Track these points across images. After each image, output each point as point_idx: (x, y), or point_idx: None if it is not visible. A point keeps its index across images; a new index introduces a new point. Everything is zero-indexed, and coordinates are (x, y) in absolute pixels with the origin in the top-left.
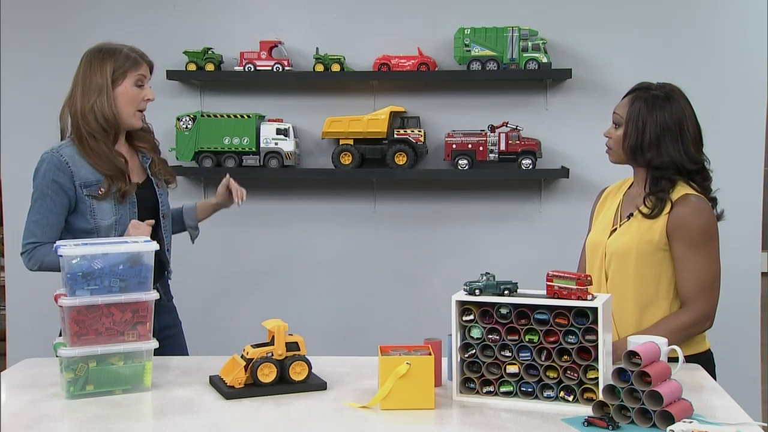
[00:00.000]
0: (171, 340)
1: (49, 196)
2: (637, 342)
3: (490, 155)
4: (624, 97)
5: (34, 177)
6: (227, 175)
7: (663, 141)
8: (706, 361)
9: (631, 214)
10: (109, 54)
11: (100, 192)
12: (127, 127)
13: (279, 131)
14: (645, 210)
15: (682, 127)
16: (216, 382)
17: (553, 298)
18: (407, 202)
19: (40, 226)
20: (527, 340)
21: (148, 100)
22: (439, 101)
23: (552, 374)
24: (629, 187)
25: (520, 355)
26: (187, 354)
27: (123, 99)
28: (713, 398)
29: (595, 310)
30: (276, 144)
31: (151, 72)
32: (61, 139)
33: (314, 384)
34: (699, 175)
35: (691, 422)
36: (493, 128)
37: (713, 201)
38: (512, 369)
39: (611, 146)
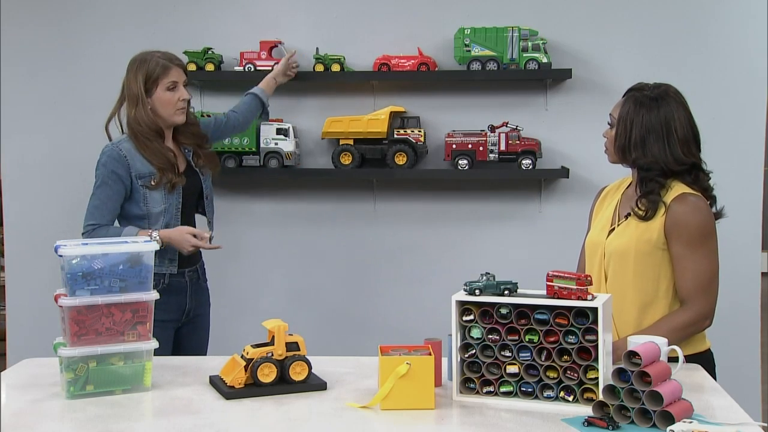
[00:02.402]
0: (200, 318)
1: (108, 184)
2: (637, 342)
3: (490, 155)
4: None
5: (96, 167)
6: (292, 54)
7: (648, 141)
8: (706, 360)
9: (629, 214)
10: (142, 63)
11: (152, 183)
12: (170, 125)
13: (279, 131)
14: (639, 212)
15: (669, 127)
16: (216, 382)
17: (553, 298)
18: (407, 202)
19: (99, 210)
20: (527, 340)
21: (184, 100)
22: (439, 101)
23: (552, 374)
24: (627, 187)
25: (520, 355)
26: (208, 334)
27: (159, 104)
28: (713, 398)
29: (595, 310)
30: (276, 144)
31: (185, 73)
32: (122, 134)
33: (314, 384)
34: (690, 176)
35: (691, 422)
36: (493, 128)
37: (713, 199)
38: (512, 369)
39: (607, 146)
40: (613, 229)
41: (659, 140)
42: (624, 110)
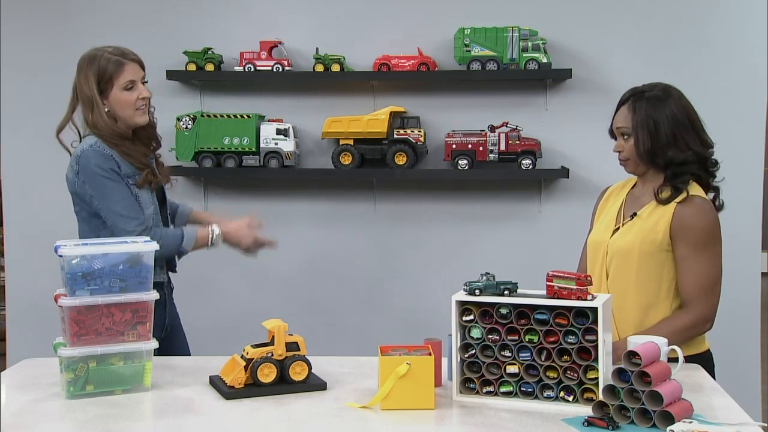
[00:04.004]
0: (177, 330)
1: (117, 181)
2: (637, 342)
3: (490, 155)
4: (618, 107)
5: (90, 174)
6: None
7: (679, 135)
8: (705, 361)
9: (635, 214)
10: (91, 61)
11: (138, 181)
12: (132, 127)
13: (279, 131)
14: (663, 196)
15: (691, 117)
16: (216, 382)
17: (553, 298)
18: (407, 202)
19: (135, 209)
20: (527, 340)
21: (144, 98)
22: (439, 101)
23: (552, 374)
24: (633, 187)
25: (520, 355)
26: (187, 344)
27: (116, 105)
28: (713, 398)
29: (595, 310)
30: (276, 144)
31: (142, 68)
32: (80, 141)
33: (314, 384)
34: (709, 161)
35: (691, 422)
36: (493, 128)
37: (716, 190)
38: (512, 369)
39: (627, 157)
40: (618, 228)
41: (688, 131)
42: (640, 114)
